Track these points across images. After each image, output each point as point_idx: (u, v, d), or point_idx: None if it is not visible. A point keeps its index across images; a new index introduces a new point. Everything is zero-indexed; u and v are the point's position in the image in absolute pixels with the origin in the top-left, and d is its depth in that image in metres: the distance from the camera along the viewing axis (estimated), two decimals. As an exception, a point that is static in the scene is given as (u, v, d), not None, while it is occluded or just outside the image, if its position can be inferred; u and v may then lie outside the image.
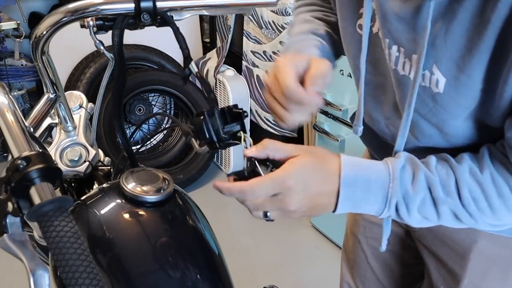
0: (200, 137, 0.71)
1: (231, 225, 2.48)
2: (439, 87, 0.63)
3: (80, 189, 0.98)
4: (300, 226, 2.42)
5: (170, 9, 0.78)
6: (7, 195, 0.50)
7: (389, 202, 0.65)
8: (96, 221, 0.71)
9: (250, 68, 2.63)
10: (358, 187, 0.65)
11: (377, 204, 0.66)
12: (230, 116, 0.71)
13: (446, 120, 0.67)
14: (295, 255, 2.25)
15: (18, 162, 0.50)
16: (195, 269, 0.70)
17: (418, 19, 0.62)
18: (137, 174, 0.74)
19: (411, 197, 0.65)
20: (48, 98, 0.87)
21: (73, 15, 0.75)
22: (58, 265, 0.46)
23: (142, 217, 0.72)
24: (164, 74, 2.66)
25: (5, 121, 0.59)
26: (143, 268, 0.67)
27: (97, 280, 0.45)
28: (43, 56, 0.81)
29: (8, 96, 0.63)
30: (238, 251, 2.24)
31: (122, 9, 0.75)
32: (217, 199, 2.67)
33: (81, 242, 0.47)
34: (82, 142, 0.98)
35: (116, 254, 0.68)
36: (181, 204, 0.77)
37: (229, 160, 2.78)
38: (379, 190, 0.65)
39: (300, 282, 2.08)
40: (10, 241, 0.50)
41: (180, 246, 0.71)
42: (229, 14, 2.48)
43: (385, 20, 0.66)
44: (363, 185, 0.65)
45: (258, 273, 2.13)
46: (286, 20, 2.28)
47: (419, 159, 0.68)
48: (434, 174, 0.65)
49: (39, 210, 0.47)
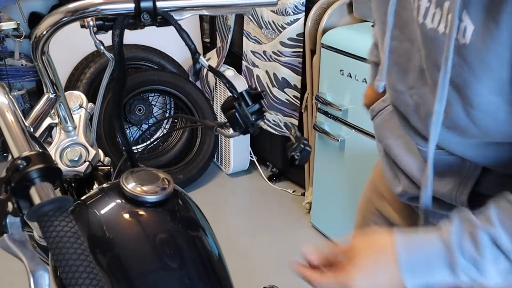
0: (235, 127, 0.76)
1: (231, 225, 2.48)
2: (466, 36, 0.59)
3: (80, 189, 0.97)
4: (300, 226, 2.42)
5: (170, 9, 0.78)
6: (7, 195, 0.50)
7: (457, 274, 0.62)
8: (96, 221, 0.71)
9: (250, 68, 2.63)
10: (420, 270, 0.64)
11: (447, 277, 0.63)
12: (250, 98, 0.75)
13: (470, 83, 0.61)
14: (295, 255, 2.24)
15: (18, 162, 0.50)
16: (195, 269, 0.70)
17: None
18: (137, 174, 0.74)
19: (479, 262, 0.61)
20: (48, 98, 0.87)
21: (73, 15, 0.75)
22: (58, 265, 0.46)
23: (142, 217, 0.72)
24: (164, 74, 2.66)
25: (5, 121, 0.59)
26: (143, 268, 0.67)
27: (97, 280, 0.45)
28: (43, 56, 0.81)
29: (8, 96, 0.63)
30: (238, 251, 2.24)
31: (122, 9, 0.75)
32: (217, 199, 2.68)
33: (81, 242, 0.47)
34: (82, 142, 0.98)
35: (116, 254, 0.68)
36: (181, 204, 0.77)
37: (229, 160, 2.78)
38: (441, 264, 0.63)
39: (300, 282, 2.07)
40: (10, 241, 0.50)
41: (180, 246, 0.71)
42: (229, 14, 2.48)
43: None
44: (424, 265, 0.64)
45: (258, 273, 2.13)
46: (286, 20, 2.27)
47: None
48: (496, 226, 0.60)
49: (39, 210, 0.47)
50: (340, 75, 1.88)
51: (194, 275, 0.69)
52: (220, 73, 0.78)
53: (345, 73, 1.85)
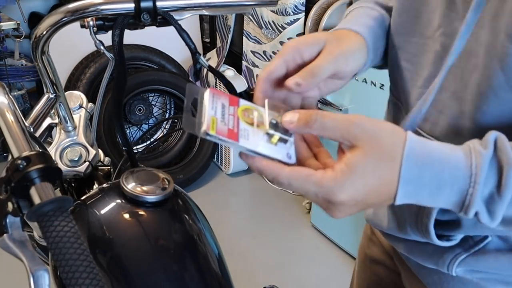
0: None
1: (231, 225, 2.48)
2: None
3: (80, 189, 0.97)
4: (300, 226, 2.42)
5: (170, 9, 0.78)
6: (7, 195, 0.50)
7: (465, 208, 0.49)
8: (96, 221, 0.71)
9: (250, 68, 2.63)
10: (424, 187, 0.49)
11: (450, 206, 0.50)
12: (249, 98, 0.74)
13: None
14: (295, 255, 2.25)
15: (18, 162, 0.50)
16: (195, 269, 0.70)
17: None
18: (137, 174, 0.74)
19: (496, 203, 0.48)
20: (48, 98, 0.87)
21: (73, 15, 0.75)
22: (58, 265, 0.46)
23: (142, 217, 0.72)
24: (164, 74, 2.67)
25: (5, 121, 0.59)
26: (143, 268, 0.67)
27: (97, 280, 0.45)
28: (43, 56, 0.81)
29: (8, 96, 0.63)
30: (238, 251, 2.24)
31: (122, 9, 0.76)
32: (217, 199, 2.68)
33: (81, 242, 0.47)
34: (82, 142, 0.98)
35: (116, 254, 0.68)
36: (181, 204, 0.77)
37: (229, 160, 2.78)
38: (454, 195, 0.49)
39: (300, 282, 2.08)
40: (10, 241, 0.50)
41: (180, 246, 0.71)
42: (229, 14, 2.48)
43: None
44: (431, 185, 0.49)
45: (258, 273, 2.13)
46: (286, 20, 2.27)
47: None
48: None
49: (39, 210, 0.47)
50: (340, 75, 1.88)
51: (194, 275, 0.69)
52: (220, 73, 0.79)
53: (345, 73, 1.85)
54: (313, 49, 0.59)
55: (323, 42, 0.59)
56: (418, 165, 0.48)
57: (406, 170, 0.48)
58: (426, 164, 0.48)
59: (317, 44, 0.59)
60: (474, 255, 0.63)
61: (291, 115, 0.51)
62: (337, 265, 2.15)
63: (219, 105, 0.51)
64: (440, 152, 0.49)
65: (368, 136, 0.49)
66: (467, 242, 0.64)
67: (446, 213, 0.62)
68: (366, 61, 0.64)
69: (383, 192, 0.49)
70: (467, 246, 0.64)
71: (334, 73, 0.59)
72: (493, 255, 0.62)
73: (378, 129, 0.49)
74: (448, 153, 0.49)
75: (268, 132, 0.51)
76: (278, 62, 0.57)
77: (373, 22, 0.67)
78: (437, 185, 0.49)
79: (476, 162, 0.48)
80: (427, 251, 0.68)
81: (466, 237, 0.64)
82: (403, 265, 0.79)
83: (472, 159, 0.48)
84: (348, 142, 0.49)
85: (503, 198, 0.48)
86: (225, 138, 0.49)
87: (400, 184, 0.48)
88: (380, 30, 0.68)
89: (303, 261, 2.21)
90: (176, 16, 0.78)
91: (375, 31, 0.66)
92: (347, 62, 0.60)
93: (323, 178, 0.48)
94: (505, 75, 0.52)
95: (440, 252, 0.66)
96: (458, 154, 0.49)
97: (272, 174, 0.50)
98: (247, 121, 0.52)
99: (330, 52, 0.58)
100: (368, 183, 0.48)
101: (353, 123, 0.49)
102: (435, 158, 0.48)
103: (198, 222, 0.77)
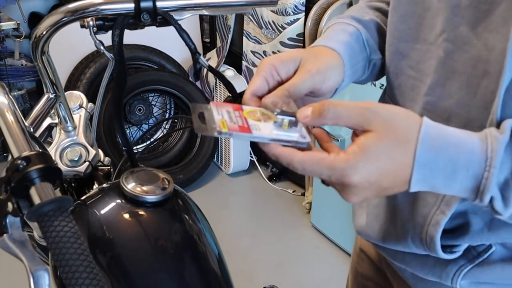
0: None
1: (231, 225, 2.48)
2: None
3: (80, 189, 0.97)
4: (300, 226, 2.42)
5: (170, 9, 0.78)
6: (7, 195, 0.50)
7: (481, 194, 0.48)
8: (96, 221, 0.71)
9: (250, 68, 2.63)
10: (439, 171, 0.48)
11: (465, 193, 0.50)
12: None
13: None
14: (295, 255, 2.25)
15: (18, 162, 0.50)
16: (195, 269, 0.70)
17: None
18: (137, 174, 0.74)
19: (511, 189, 0.48)
20: (48, 98, 0.87)
21: (73, 15, 0.75)
22: (58, 265, 0.46)
23: (142, 217, 0.72)
24: (164, 74, 2.67)
25: (5, 121, 0.59)
26: (143, 268, 0.67)
27: (97, 280, 0.45)
28: (43, 56, 0.81)
29: (8, 96, 0.63)
30: (238, 251, 2.24)
31: (122, 9, 0.76)
32: (217, 199, 2.68)
33: (81, 242, 0.47)
34: (82, 142, 0.98)
35: (116, 254, 0.68)
36: (181, 204, 0.77)
37: (229, 160, 2.78)
38: (469, 179, 0.48)
39: (300, 282, 2.08)
40: (10, 241, 0.50)
41: (180, 246, 0.71)
42: (229, 14, 2.48)
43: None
44: (446, 169, 0.48)
45: (258, 273, 2.13)
46: (286, 20, 2.27)
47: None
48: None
49: (39, 210, 0.47)
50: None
51: (194, 275, 0.69)
52: (220, 73, 0.79)
53: (345, 73, 1.85)
54: (289, 67, 0.59)
55: (299, 59, 0.60)
56: (434, 149, 0.48)
57: (421, 153, 0.48)
58: (441, 148, 0.48)
59: (292, 61, 0.59)
60: (479, 266, 0.62)
61: (304, 109, 0.52)
62: (337, 265, 2.15)
63: (224, 112, 0.54)
64: (455, 137, 0.49)
65: (382, 120, 0.48)
66: (471, 253, 0.63)
67: (454, 219, 0.61)
68: (343, 77, 0.64)
69: (398, 176, 0.49)
70: (471, 257, 0.63)
71: (311, 90, 0.59)
72: (499, 265, 0.62)
73: (393, 113, 0.49)
74: (464, 137, 0.49)
75: (277, 121, 0.53)
76: (259, 80, 0.58)
77: (349, 37, 0.66)
78: (452, 169, 0.48)
79: (492, 147, 0.47)
80: (428, 263, 0.66)
81: (469, 248, 0.63)
82: (396, 278, 0.78)
83: (488, 143, 0.48)
84: (362, 128, 0.49)
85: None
86: (239, 132, 0.50)
87: (415, 168, 0.48)
88: (356, 45, 0.67)
89: (303, 261, 2.21)
90: (176, 16, 0.78)
91: (352, 46, 0.66)
92: (323, 79, 0.60)
93: (335, 160, 0.48)
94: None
95: (443, 265, 0.65)
96: (473, 139, 0.48)
97: (287, 159, 0.51)
98: (254, 119, 0.54)
99: (307, 70, 0.58)
100: (382, 166, 0.48)
101: (367, 109, 0.49)
102: (451, 142, 0.48)
103: (198, 222, 0.77)
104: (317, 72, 0.59)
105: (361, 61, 0.68)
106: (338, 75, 0.63)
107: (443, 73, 0.58)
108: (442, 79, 0.58)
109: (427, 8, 0.60)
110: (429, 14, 0.60)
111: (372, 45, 0.69)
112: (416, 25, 0.62)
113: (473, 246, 0.63)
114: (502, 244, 0.62)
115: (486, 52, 0.53)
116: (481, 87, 0.54)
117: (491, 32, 0.52)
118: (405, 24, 0.64)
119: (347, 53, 0.64)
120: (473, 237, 0.61)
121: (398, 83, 0.67)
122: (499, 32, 0.51)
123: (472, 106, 0.55)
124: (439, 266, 0.65)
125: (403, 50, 0.65)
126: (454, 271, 0.64)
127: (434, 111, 0.60)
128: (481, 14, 0.53)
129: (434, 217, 0.60)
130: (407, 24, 0.64)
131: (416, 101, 0.63)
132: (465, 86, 0.56)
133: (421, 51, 0.62)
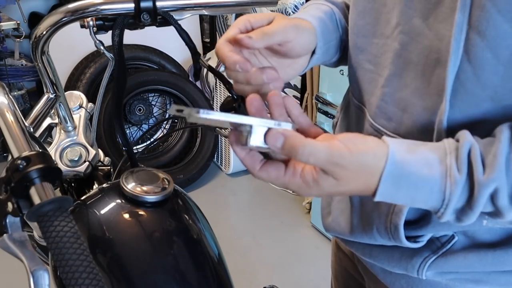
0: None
1: (231, 225, 2.48)
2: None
3: (80, 189, 0.98)
4: (300, 226, 2.42)
5: (170, 9, 0.78)
6: (7, 195, 0.50)
7: (438, 217, 0.52)
8: (96, 221, 0.71)
9: (250, 68, 2.63)
10: (400, 201, 0.52)
11: (432, 203, 0.52)
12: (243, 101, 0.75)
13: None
14: (295, 255, 2.25)
15: (18, 162, 0.50)
16: (195, 269, 0.70)
17: None
18: (137, 174, 0.74)
19: (467, 214, 0.51)
20: (48, 98, 0.87)
21: (73, 15, 0.75)
22: (58, 265, 0.46)
23: (142, 217, 0.72)
24: (164, 74, 2.67)
25: (5, 121, 0.59)
26: (143, 268, 0.67)
27: (97, 280, 0.45)
28: (43, 56, 0.81)
29: (8, 96, 0.63)
30: (238, 251, 2.24)
31: (122, 9, 0.76)
32: (217, 199, 2.68)
33: (81, 242, 0.47)
34: (82, 142, 0.98)
35: (116, 254, 0.68)
36: (181, 204, 0.77)
37: (229, 160, 2.78)
38: (427, 208, 0.52)
39: (300, 282, 2.08)
40: (10, 241, 0.50)
41: (180, 246, 0.71)
42: (229, 14, 2.48)
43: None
44: (406, 201, 0.52)
45: (258, 273, 2.13)
46: (286, 20, 2.28)
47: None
48: (501, 174, 0.48)
49: (39, 210, 0.47)
50: (340, 75, 1.88)
51: (194, 275, 0.69)
52: (220, 73, 0.78)
53: (345, 73, 1.85)
54: (262, 22, 0.61)
55: (273, 17, 0.62)
56: (394, 186, 0.51)
57: (382, 189, 0.51)
58: (401, 187, 0.51)
59: (266, 18, 0.62)
60: (443, 256, 0.64)
61: (277, 135, 0.51)
62: (337, 265, 2.15)
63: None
64: (416, 175, 0.50)
65: (349, 172, 0.50)
66: (434, 244, 0.64)
67: (418, 209, 0.61)
68: (315, 45, 0.65)
69: (364, 191, 0.53)
70: (435, 248, 0.64)
71: (283, 40, 0.60)
72: (462, 254, 0.63)
73: (361, 154, 0.50)
74: (424, 176, 0.50)
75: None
76: (233, 30, 0.60)
77: (323, 14, 0.68)
78: (412, 202, 0.52)
79: (451, 190, 0.50)
80: (394, 256, 0.67)
81: (432, 239, 0.64)
82: (367, 273, 0.79)
83: (447, 185, 0.50)
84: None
85: (474, 210, 0.50)
86: (216, 111, 0.50)
87: (377, 196, 0.52)
88: (330, 23, 0.69)
89: (303, 261, 2.21)
90: (176, 16, 0.78)
91: (326, 23, 0.68)
92: (296, 33, 0.61)
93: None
94: (472, 67, 0.52)
95: (408, 257, 0.66)
96: (435, 176, 0.50)
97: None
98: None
99: (280, 22, 0.60)
100: (349, 176, 0.51)
101: (335, 165, 0.50)
102: (412, 182, 0.50)
103: (198, 222, 0.77)
104: (290, 24, 0.61)
105: (333, 40, 0.70)
106: (311, 37, 0.64)
107: (399, 64, 0.60)
108: (399, 70, 0.60)
109: (384, 3, 0.62)
110: (385, 9, 0.62)
111: (344, 26, 0.71)
112: (374, 21, 0.64)
113: (436, 237, 0.64)
114: (464, 233, 0.63)
115: (438, 41, 0.55)
116: (434, 75, 0.56)
117: (441, 22, 0.54)
118: (364, 20, 0.66)
119: (320, 27, 0.66)
120: (436, 227, 0.62)
121: (357, 77, 0.69)
122: (448, 22, 0.53)
123: (426, 94, 0.57)
124: (405, 258, 0.66)
125: (361, 45, 0.67)
126: (419, 262, 0.65)
127: (391, 102, 0.61)
128: (432, 5, 0.55)
129: (397, 206, 0.62)
130: (366, 20, 0.65)
131: (374, 93, 0.65)
132: (419, 76, 0.58)
133: (378, 45, 0.64)
